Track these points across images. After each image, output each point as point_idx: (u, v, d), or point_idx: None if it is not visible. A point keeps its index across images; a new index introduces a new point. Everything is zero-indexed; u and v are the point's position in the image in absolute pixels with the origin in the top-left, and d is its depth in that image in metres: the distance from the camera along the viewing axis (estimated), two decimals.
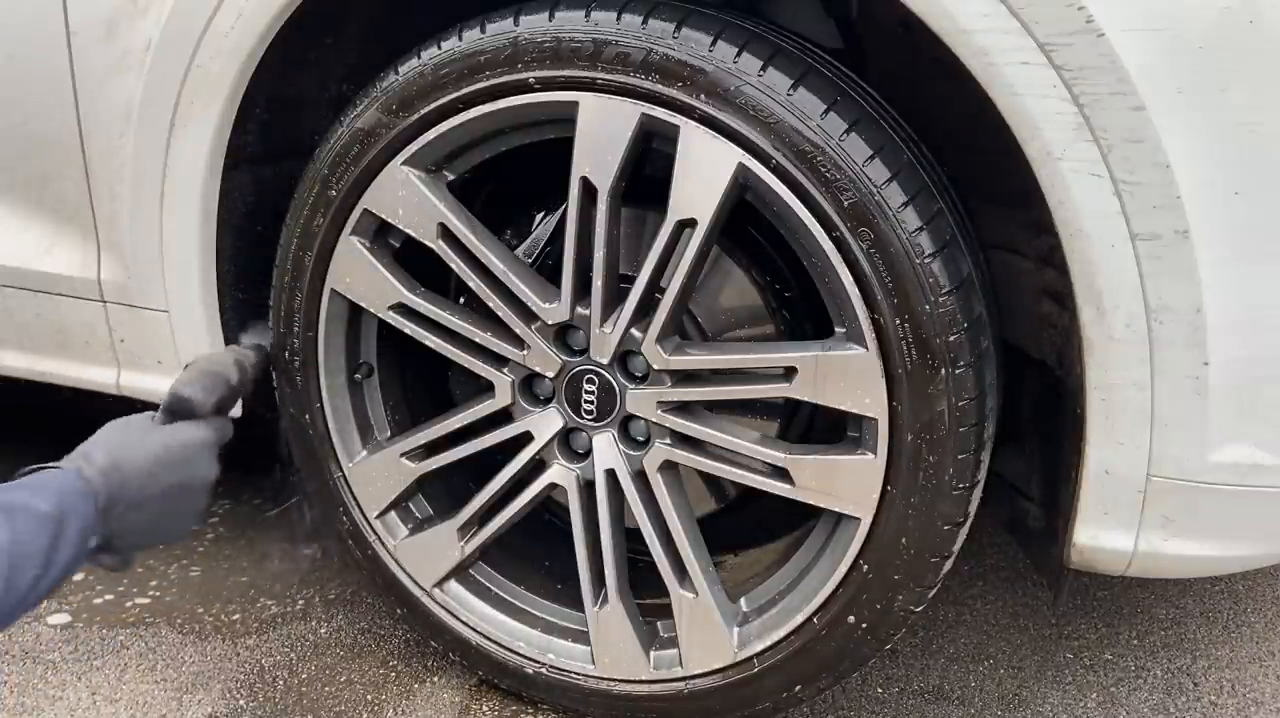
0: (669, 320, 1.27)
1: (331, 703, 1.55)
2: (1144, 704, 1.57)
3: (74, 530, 0.93)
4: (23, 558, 0.86)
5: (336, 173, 1.35)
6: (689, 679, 1.40)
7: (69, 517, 0.93)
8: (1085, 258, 1.06)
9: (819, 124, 1.13)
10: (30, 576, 0.87)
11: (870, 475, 1.22)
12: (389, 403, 1.55)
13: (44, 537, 0.89)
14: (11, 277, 1.62)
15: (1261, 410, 1.09)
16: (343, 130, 1.34)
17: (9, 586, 0.85)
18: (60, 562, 0.91)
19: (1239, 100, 1.00)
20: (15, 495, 0.90)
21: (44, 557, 0.88)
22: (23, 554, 0.87)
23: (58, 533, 0.91)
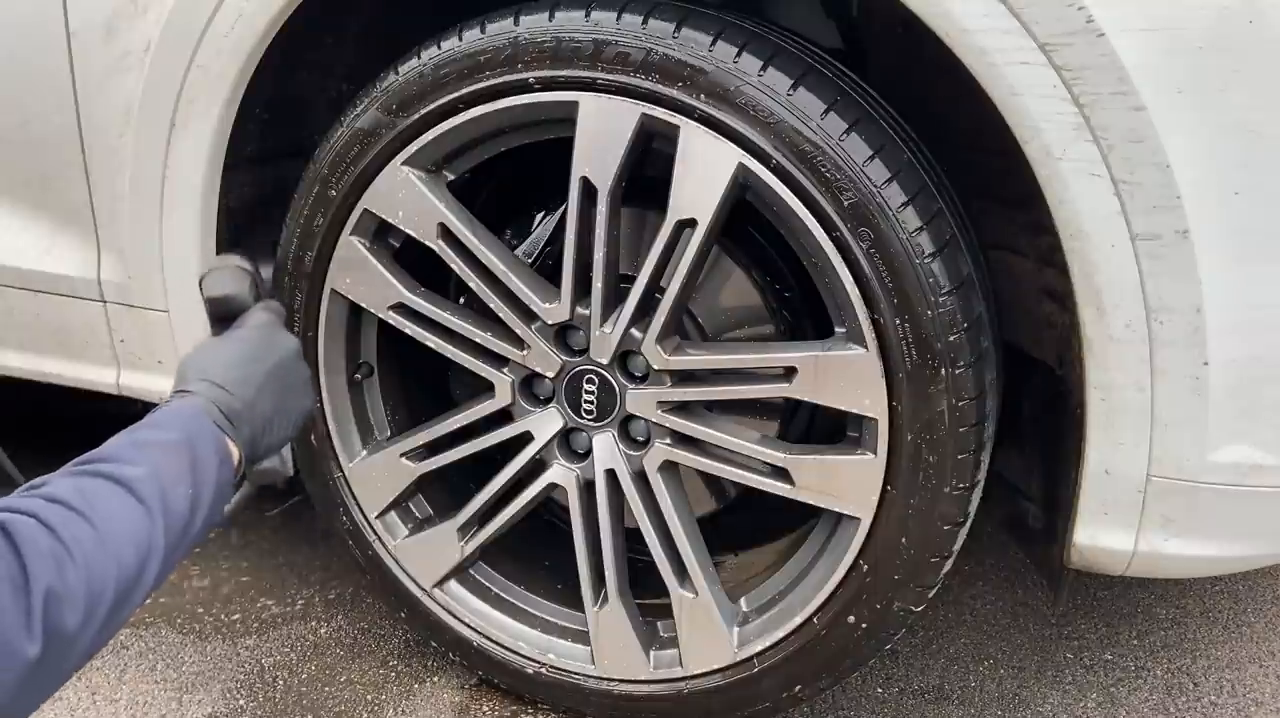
0: (669, 320, 1.27)
1: (331, 703, 1.55)
2: (1144, 704, 1.57)
3: (207, 450, 0.94)
4: (171, 483, 0.88)
5: (336, 173, 1.35)
6: (689, 679, 1.40)
7: (197, 439, 0.94)
8: (1085, 258, 1.06)
9: (819, 124, 1.13)
10: (184, 495, 0.89)
11: (870, 475, 1.22)
12: (389, 403, 1.55)
13: (182, 460, 0.90)
14: (12, 277, 1.62)
15: (1261, 410, 1.09)
16: (343, 130, 1.34)
17: (166, 507, 0.86)
18: (208, 482, 0.92)
19: (1239, 100, 1.00)
20: (137, 435, 0.91)
21: (190, 476, 0.90)
22: (169, 479, 0.88)
23: (193, 455, 0.92)
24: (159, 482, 0.88)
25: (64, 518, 0.80)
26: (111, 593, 0.81)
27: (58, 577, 0.76)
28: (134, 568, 0.83)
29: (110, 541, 0.82)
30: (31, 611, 0.74)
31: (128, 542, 0.83)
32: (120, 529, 0.83)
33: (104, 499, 0.84)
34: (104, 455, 0.89)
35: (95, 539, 0.81)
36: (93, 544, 0.80)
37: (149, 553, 0.85)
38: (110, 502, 0.84)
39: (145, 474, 0.87)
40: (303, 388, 1.16)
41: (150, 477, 0.87)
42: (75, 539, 0.79)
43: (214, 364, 1.05)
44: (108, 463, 0.88)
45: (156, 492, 0.87)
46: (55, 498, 0.82)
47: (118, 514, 0.84)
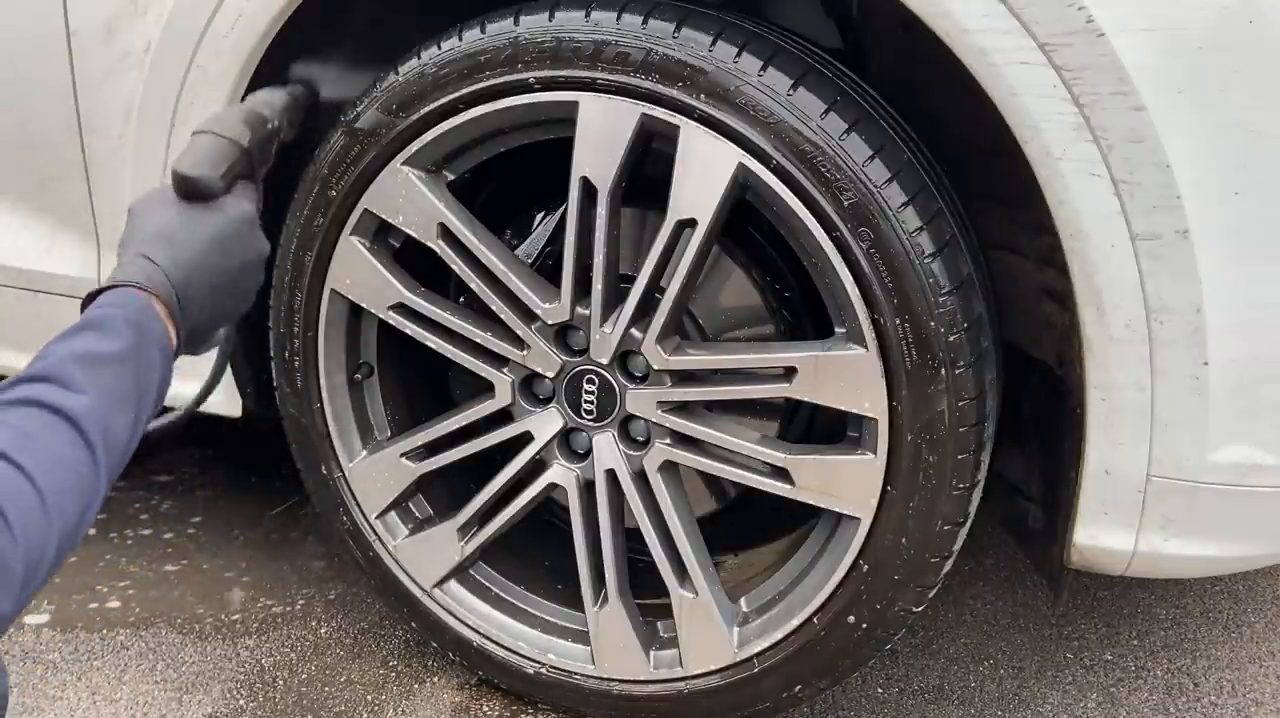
0: (669, 320, 1.27)
1: (331, 703, 1.55)
2: (1144, 704, 1.57)
3: (151, 353, 0.88)
4: (115, 409, 0.82)
5: (336, 173, 1.35)
6: (689, 679, 1.40)
7: (143, 343, 0.87)
8: (1085, 258, 1.06)
9: (819, 124, 1.13)
10: (127, 423, 0.83)
11: (870, 476, 1.22)
12: (389, 403, 1.55)
13: (128, 376, 0.84)
14: (11, 276, 1.62)
15: (1261, 410, 1.09)
16: (342, 130, 1.34)
17: (108, 441, 0.80)
18: (149, 392, 0.87)
19: (1239, 100, 1.00)
20: (81, 345, 0.83)
21: (135, 395, 0.84)
22: (114, 404, 0.82)
23: (137, 365, 0.85)
24: (104, 410, 0.80)
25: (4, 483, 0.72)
26: (51, 554, 0.74)
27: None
28: (74, 521, 0.76)
29: (53, 498, 0.74)
30: None
31: (71, 493, 0.76)
32: (63, 481, 0.75)
33: (46, 444, 0.76)
34: (47, 373, 0.81)
35: (38, 503, 0.73)
36: (35, 511, 0.73)
37: (91, 500, 0.78)
38: (53, 447, 0.76)
39: (90, 404, 0.79)
40: (251, 293, 1.08)
41: (95, 406, 0.79)
42: (16, 509, 0.71)
43: (184, 250, 0.95)
44: (51, 386, 0.79)
45: (100, 424, 0.80)
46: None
47: (61, 462, 0.76)
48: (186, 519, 2.07)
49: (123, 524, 2.05)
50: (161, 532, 2.02)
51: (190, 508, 2.12)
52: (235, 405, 1.59)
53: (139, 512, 2.10)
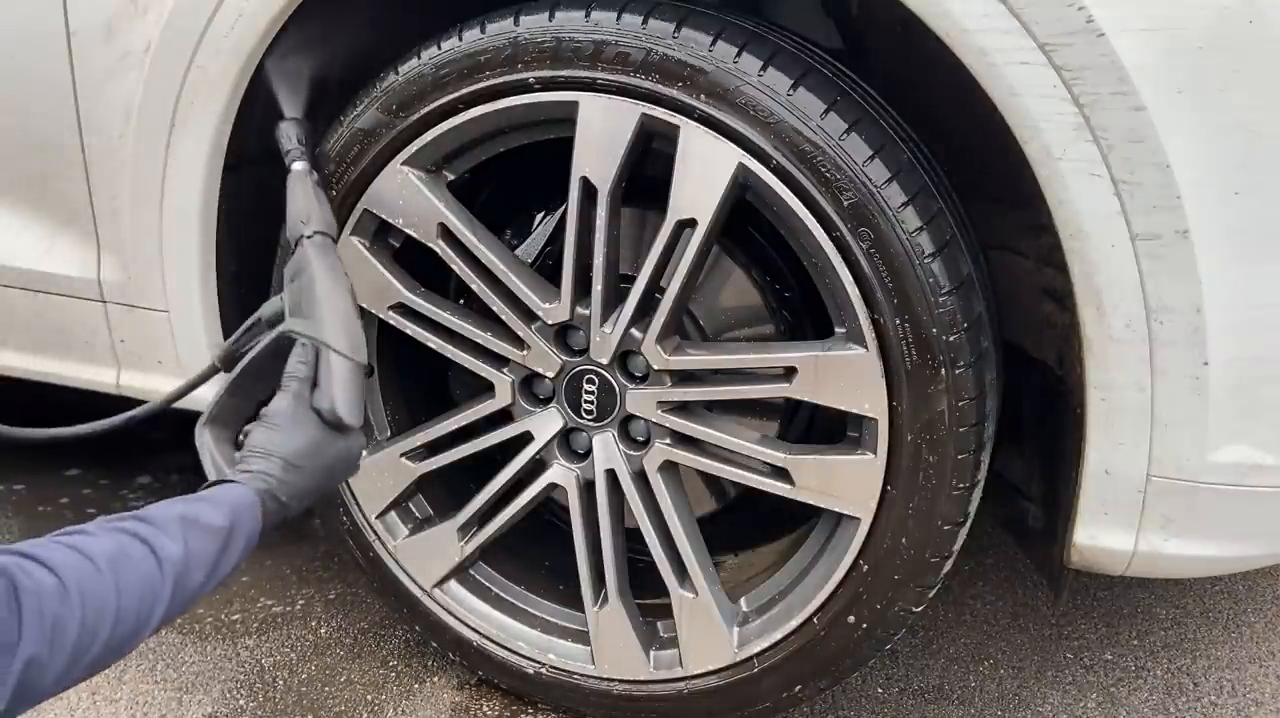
0: (669, 320, 1.27)
1: (331, 703, 1.55)
2: (1144, 704, 1.57)
3: (241, 539, 1.00)
4: (195, 567, 0.94)
5: (336, 173, 1.35)
6: (689, 679, 1.40)
7: (239, 529, 0.99)
8: (1085, 258, 1.06)
9: (819, 124, 1.13)
10: (197, 581, 0.95)
11: (870, 476, 1.22)
12: (389, 403, 1.55)
13: (214, 547, 0.96)
14: (11, 276, 1.62)
15: (1261, 410, 1.09)
16: (342, 130, 1.34)
17: (178, 588, 0.92)
18: (225, 566, 0.98)
19: (1239, 100, 1.00)
20: (196, 508, 0.97)
21: (211, 565, 0.96)
22: (195, 565, 0.94)
23: (226, 543, 0.98)
24: (186, 563, 0.93)
25: (83, 588, 0.83)
26: (95, 655, 0.84)
27: (47, 647, 0.79)
28: (125, 637, 0.87)
29: (116, 612, 0.85)
30: (6, 677, 0.76)
31: (131, 613, 0.87)
32: (129, 603, 0.87)
33: (130, 571, 0.88)
34: (151, 518, 0.94)
35: (101, 618, 0.84)
36: (95, 625, 0.84)
37: (145, 626, 0.89)
38: (135, 573, 0.88)
39: (178, 555, 0.92)
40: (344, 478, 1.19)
41: (181, 558, 0.92)
42: (80, 615, 0.82)
43: (299, 470, 1.08)
44: (152, 529, 0.92)
45: (180, 572, 0.92)
46: (90, 557, 0.85)
47: (135, 587, 0.88)
48: None
49: None
50: None
51: None
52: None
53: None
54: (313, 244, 1.24)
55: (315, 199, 1.29)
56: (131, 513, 0.94)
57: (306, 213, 1.27)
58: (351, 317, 1.19)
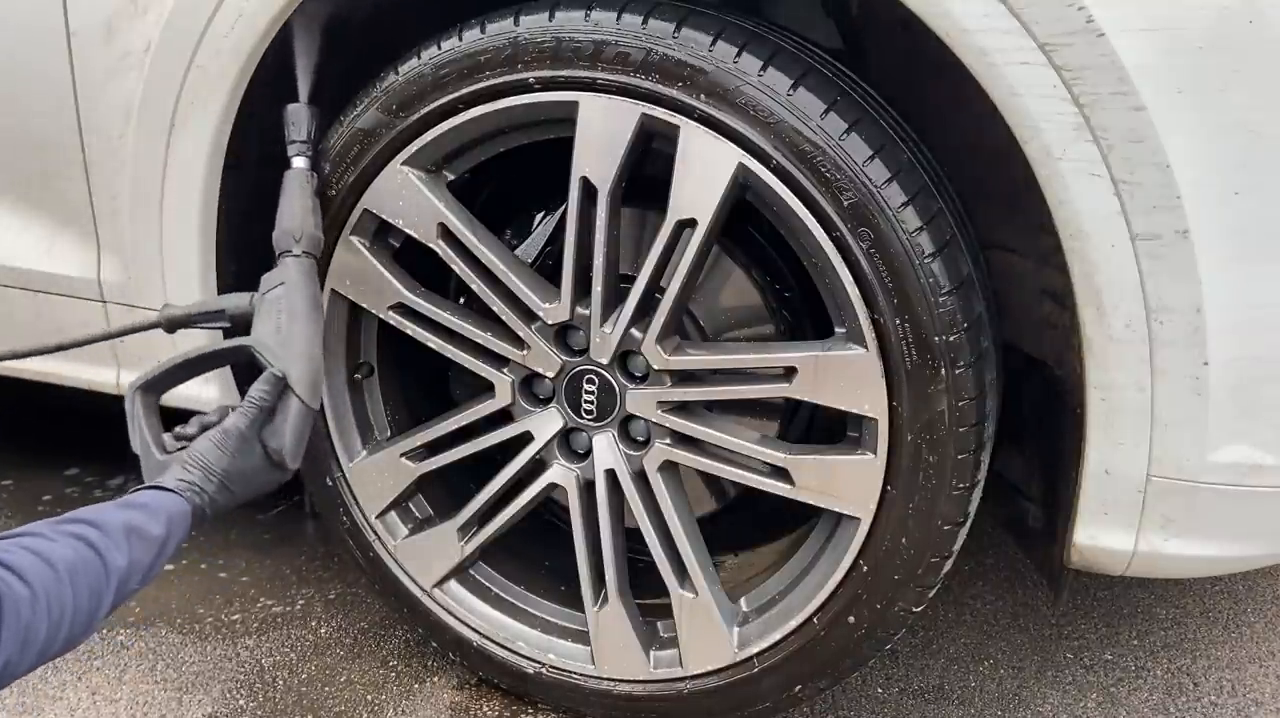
0: (669, 320, 1.27)
1: (331, 703, 1.55)
2: (1144, 704, 1.57)
3: (172, 547, 1.08)
4: (134, 575, 1.02)
5: (336, 173, 1.35)
6: (689, 679, 1.40)
7: (172, 538, 1.07)
8: (1085, 258, 1.06)
9: (819, 124, 1.13)
10: (132, 587, 1.03)
11: (870, 476, 1.22)
12: (389, 403, 1.55)
13: (151, 556, 1.04)
14: (11, 276, 1.62)
15: (1261, 411, 1.09)
16: (342, 130, 1.34)
17: (119, 594, 1.00)
18: (156, 571, 1.07)
19: (1239, 100, 1.00)
20: (140, 518, 1.04)
21: (146, 570, 1.04)
22: (135, 572, 1.02)
23: (160, 551, 1.06)
24: (128, 572, 1.01)
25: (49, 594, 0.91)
26: (50, 654, 0.92)
27: (19, 650, 0.87)
28: (74, 638, 0.95)
29: (73, 616, 0.93)
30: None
31: (83, 617, 0.95)
32: (82, 607, 0.95)
33: (84, 579, 0.95)
34: (102, 525, 1.00)
35: (60, 622, 0.92)
36: (55, 628, 0.91)
37: (89, 628, 0.97)
38: (87, 581, 0.96)
39: (123, 565, 1.00)
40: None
41: (125, 568, 1.00)
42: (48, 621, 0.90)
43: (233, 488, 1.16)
44: (104, 538, 0.99)
45: (122, 580, 1.00)
46: (53, 564, 0.92)
47: (86, 594, 0.95)
48: None
49: None
50: None
51: None
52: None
53: None
54: (299, 265, 1.27)
55: (310, 209, 1.31)
56: (81, 516, 1.01)
57: (300, 227, 1.29)
58: (318, 361, 1.25)
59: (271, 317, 1.24)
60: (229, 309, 1.29)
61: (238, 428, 1.16)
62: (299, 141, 1.33)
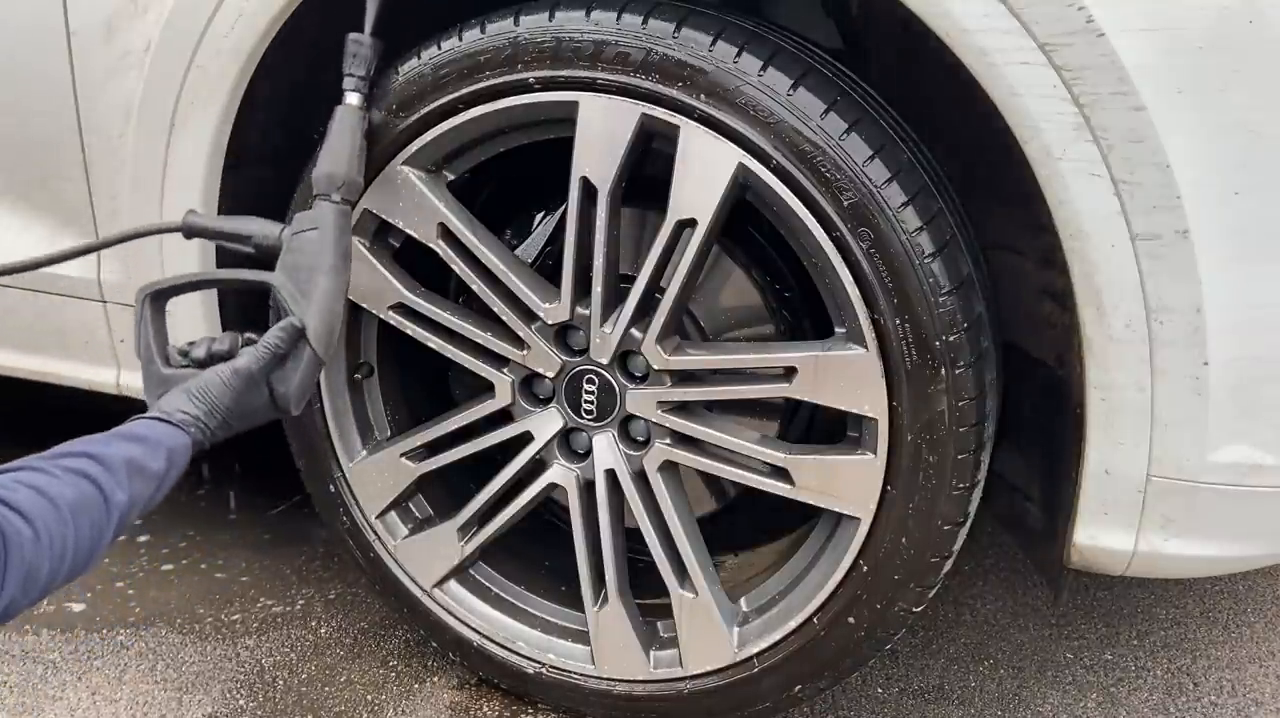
0: (669, 320, 1.27)
1: (331, 703, 1.55)
2: (1144, 704, 1.57)
3: (170, 481, 1.08)
4: (134, 509, 1.02)
5: None
6: (689, 679, 1.40)
7: (171, 472, 1.08)
8: (1085, 258, 1.06)
9: (819, 124, 1.13)
10: (131, 519, 1.02)
11: (870, 476, 1.22)
12: (389, 403, 1.55)
13: (150, 489, 1.05)
14: (12, 276, 1.62)
15: (1261, 411, 1.09)
16: None
17: (118, 529, 1.00)
18: (154, 504, 1.07)
19: (1239, 100, 1.00)
20: (142, 453, 1.04)
21: (145, 504, 1.05)
22: (134, 507, 1.02)
23: (160, 485, 1.06)
24: (129, 508, 1.01)
25: (52, 534, 0.91)
26: (48, 590, 0.93)
27: (21, 590, 0.87)
28: (73, 573, 0.95)
29: (74, 554, 0.94)
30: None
31: (84, 554, 0.95)
32: (83, 546, 0.95)
33: (87, 518, 0.95)
34: (105, 460, 1.00)
35: (62, 560, 0.92)
36: (57, 566, 0.92)
37: (89, 564, 0.97)
38: (89, 519, 0.96)
39: (124, 502, 1.00)
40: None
41: (126, 504, 1.00)
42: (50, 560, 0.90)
43: (227, 408, 1.15)
44: (106, 474, 0.99)
45: (123, 515, 1.00)
46: (56, 503, 0.92)
47: (88, 531, 0.95)
48: (186, 520, 2.07)
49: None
50: (161, 532, 2.02)
51: (190, 508, 2.12)
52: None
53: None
54: (335, 213, 1.25)
55: (357, 153, 1.27)
56: (83, 449, 1.00)
57: (343, 172, 1.25)
58: (338, 316, 1.24)
59: (299, 262, 1.22)
60: (255, 237, 1.27)
61: (249, 370, 1.16)
62: (356, 76, 1.27)
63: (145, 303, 1.23)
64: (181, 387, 1.15)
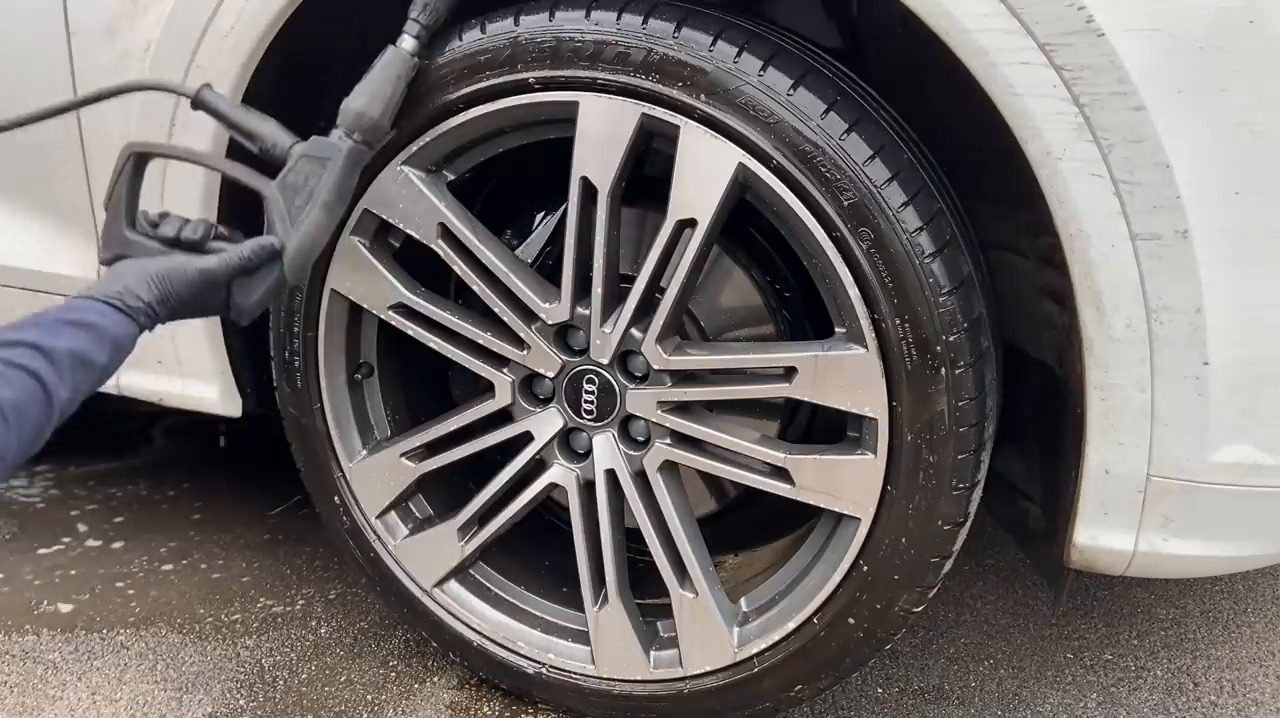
0: (669, 320, 1.27)
1: (331, 703, 1.55)
2: (1144, 704, 1.57)
3: (110, 373, 1.07)
4: (73, 403, 1.02)
5: None
6: (689, 679, 1.40)
7: (111, 365, 1.06)
8: (1085, 258, 1.06)
9: (819, 124, 1.13)
10: (68, 413, 1.03)
11: (870, 476, 1.22)
12: (389, 403, 1.55)
13: (91, 382, 1.04)
14: (12, 276, 1.62)
15: (1261, 411, 1.09)
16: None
17: (54, 425, 1.00)
18: (90, 393, 1.06)
19: (1239, 100, 1.00)
20: (87, 345, 1.03)
21: (84, 396, 1.04)
22: (74, 401, 1.02)
23: (100, 379, 1.06)
24: (70, 403, 1.01)
25: None
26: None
27: None
28: (7, 472, 0.95)
29: (12, 459, 0.95)
30: None
31: (22, 452, 0.96)
32: (23, 447, 0.96)
33: (29, 420, 0.96)
34: (51, 354, 0.99)
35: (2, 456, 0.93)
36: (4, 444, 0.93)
37: (23, 458, 0.97)
38: (32, 421, 0.96)
39: (66, 398, 1.00)
40: None
41: (68, 400, 1.00)
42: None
43: (179, 303, 1.14)
44: (52, 370, 0.99)
45: (63, 410, 1.00)
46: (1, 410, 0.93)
47: (31, 434, 0.96)
48: (186, 520, 2.08)
49: (121, 525, 2.05)
50: (160, 532, 2.02)
51: (190, 508, 2.12)
52: (235, 405, 1.59)
53: (137, 512, 2.10)
54: (349, 152, 1.22)
55: (391, 99, 1.23)
56: (30, 338, 0.99)
57: (374, 116, 1.22)
58: (318, 249, 1.22)
59: (299, 183, 1.21)
60: (264, 140, 1.24)
61: (214, 274, 1.16)
62: (419, 23, 1.24)
63: (130, 159, 1.22)
64: (140, 266, 1.13)
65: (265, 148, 1.24)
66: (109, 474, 2.24)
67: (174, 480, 2.23)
